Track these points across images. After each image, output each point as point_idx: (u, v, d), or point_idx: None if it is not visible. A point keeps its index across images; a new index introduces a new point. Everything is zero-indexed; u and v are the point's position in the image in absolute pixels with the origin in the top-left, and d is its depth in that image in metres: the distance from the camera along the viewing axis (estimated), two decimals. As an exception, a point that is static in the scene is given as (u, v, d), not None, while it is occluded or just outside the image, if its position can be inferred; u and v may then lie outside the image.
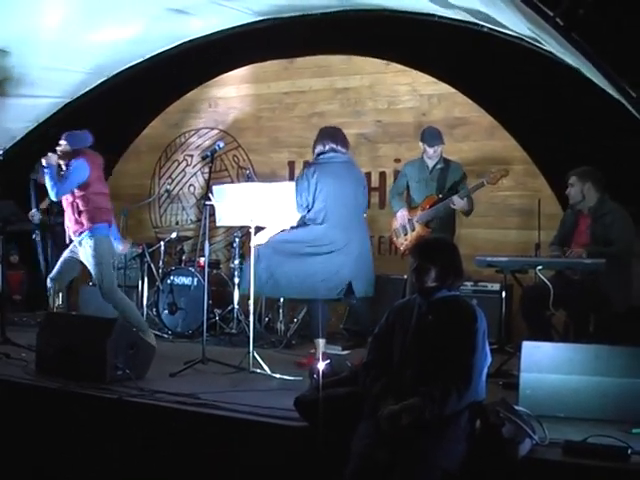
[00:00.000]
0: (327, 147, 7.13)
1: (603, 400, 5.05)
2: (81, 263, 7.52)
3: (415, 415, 4.04)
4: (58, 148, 7.44)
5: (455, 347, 4.23)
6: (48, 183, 7.31)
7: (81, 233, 7.35)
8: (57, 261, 7.84)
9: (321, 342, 7.03)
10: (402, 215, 7.93)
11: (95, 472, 5.40)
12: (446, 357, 4.20)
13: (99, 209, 7.43)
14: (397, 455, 3.95)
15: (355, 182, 7.25)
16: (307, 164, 7.23)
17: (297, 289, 7.00)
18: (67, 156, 7.43)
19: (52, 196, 7.34)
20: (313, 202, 6.96)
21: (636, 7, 4.76)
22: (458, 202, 7.55)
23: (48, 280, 7.57)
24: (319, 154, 7.16)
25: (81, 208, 7.33)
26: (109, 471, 5.39)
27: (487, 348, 4.35)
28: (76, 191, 7.36)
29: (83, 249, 7.37)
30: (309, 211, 6.99)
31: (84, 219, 7.31)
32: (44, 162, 7.33)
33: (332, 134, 7.26)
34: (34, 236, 9.99)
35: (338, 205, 7.00)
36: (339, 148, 7.15)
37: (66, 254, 7.54)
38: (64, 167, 7.41)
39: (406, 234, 7.90)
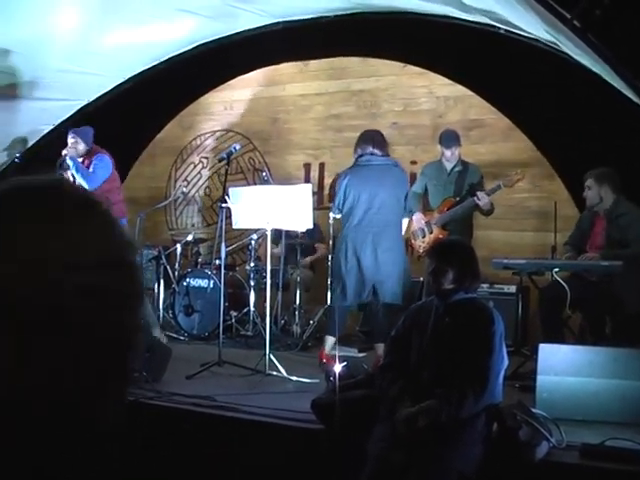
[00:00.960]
0: (364, 151, 7.18)
1: (621, 403, 5.03)
2: None
3: (432, 417, 4.04)
4: (75, 147, 7.50)
5: (472, 349, 4.23)
6: (78, 174, 7.42)
7: None
8: None
9: (330, 340, 7.07)
10: (418, 218, 7.92)
11: (111, 475, 5.40)
12: (463, 359, 4.20)
13: (121, 202, 7.71)
14: (413, 457, 3.95)
15: (394, 184, 7.26)
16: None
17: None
18: (87, 153, 7.53)
19: (86, 185, 7.38)
20: (343, 204, 7.04)
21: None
22: (484, 197, 7.47)
23: None
24: (357, 157, 7.23)
25: (108, 202, 7.36)
26: (126, 474, 5.38)
27: (504, 351, 4.35)
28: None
29: None
30: (342, 213, 7.14)
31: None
32: (68, 155, 7.41)
33: (370, 137, 7.34)
34: None
35: (368, 208, 7.04)
36: (376, 151, 7.19)
37: None
38: (86, 162, 7.57)
39: (424, 236, 7.89)
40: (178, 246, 9.63)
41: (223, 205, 7.02)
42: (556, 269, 6.41)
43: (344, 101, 10.23)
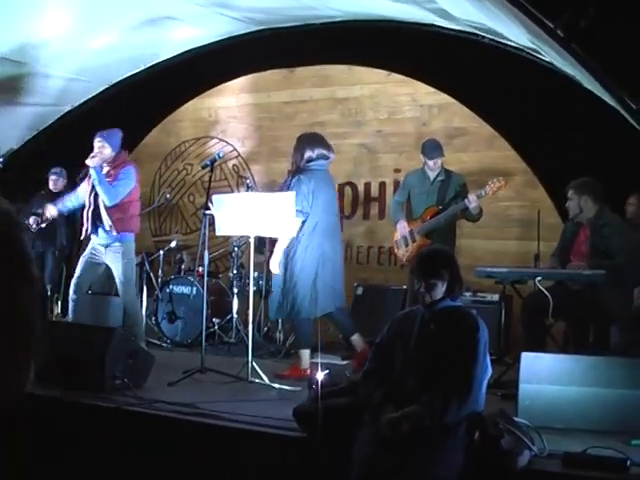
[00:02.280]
0: (317, 153, 7.14)
1: (602, 411, 5.04)
2: (103, 267, 7.58)
3: (415, 423, 4.05)
4: (101, 151, 7.43)
5: (457, 356, 4.25)
6: (101, 188, 7.34)
7: (114, 237, 7.44)
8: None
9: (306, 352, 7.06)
10: (402, 226, 7.93)
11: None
12: (447, 366, 4.21)
13: (135, 217, 7.66)
14: (398, 460, 3.95)
15: (334, 189, 7.33)
16: (297, 170, 7.14)
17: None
18: (113, 161, 7.53)
19: (107, 202, 7.35)
20: (311, 208, 6.98)
21: (636, 18, 4.77)
22: (473, 200, 7.48)
23: (72, 287, 7.54)
24: (309, 160, 7.15)
25: (120, 215, 7.40)
26: (108, 480, 5.38)
27: (488, 359, 4.36)
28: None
29: (113, 254, 7.49)
30: (304, 218, 7.02)
31: (120, 225, 7.40)
32: (92, 165, 7.36)
33: (320, 140, 7.29)
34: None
35: (328, 213, 7.06)
36: (328, 154, 7.17)
37: (86, 258, 7.55)
38: (112, 172, 7.50)
39: (407, 245, 7.90)
40: (161, 252, 9.61)
41: (206, 212, 7.00)
42: (539, 278, 6.42)
43: (329, 109, 10.24)
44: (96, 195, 7.45)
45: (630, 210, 7.51)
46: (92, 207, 7.45)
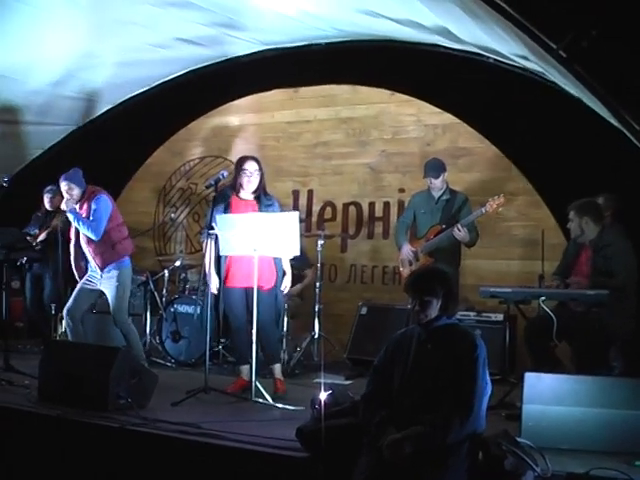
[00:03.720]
0: None
1: (606, 432, 5.03)
2: (97, 293, 7.64)
3: (418, 443, 4.04)
4: (70, 194, 7.53)
5: (456, 375, 4.22)
6: (82, 227, 7.50)
7: (108, 265, 7.53)
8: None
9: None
10: (406, 250, 7.97)
11: None
12: (447, 385, 4.20)
13: (124, 240, 7.70)
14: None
15: None
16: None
17: None
18: (82, 196, 7.57)
19: (93, 237, 7.48)
20: None
21: (638, 38, 4.79)
22: (457, 233, 7.56)
23: (65, 312, 7.59)
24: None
25: (103, 248, 7.48)
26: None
27: (487, 377, 4.34)
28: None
29: (108, 280, 7.55)
30: None
31: (111, 252, 7.51)
32: (67, 209, 7.51)
33: None
34: (25, 264, 9.80)
35: None
36: None
37: (81, 285, 7.61)
38: (85, 208, 7.58)
39: (411, 265, 7.91)
40: (166, 272, 9.61)
41: (210, 232, 7.00)
42: (543, 298, 6.40)
43: (333, 128, 10.26)
44: (77, 235, 7.67)
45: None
46: (76, 249, 7.72)
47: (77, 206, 7.57)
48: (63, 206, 7.58)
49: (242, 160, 7.19)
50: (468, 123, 9.23)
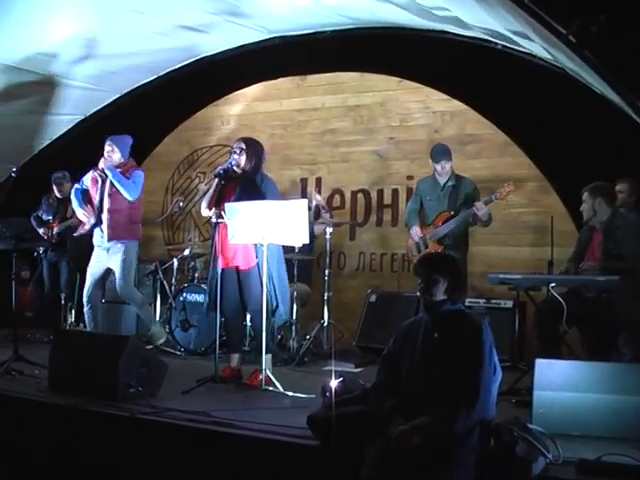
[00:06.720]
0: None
1: (618, 418, 5.01)
2: (106, 271, 7.82)
3: (426, 434, 4.02)
4: (110, 156, 7.65)
5: (462, 362, 4.19)
6: (120, 185, 7.62)
7: (118, 239, 7.70)
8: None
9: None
10: (415, 232, 7.94)
11: None
12: (453, 372, 4.18)
13: (139, 224, 7.94)
14: (407, 477, 3.94)
15: None
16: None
17: None
18: (120, 167, 7.73)
19: (129, 197, 7.66)
20: None
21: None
22: (481, 207, 7.52)
23: (85, 300, 7.65)
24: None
25: (121, 219, 7.56)
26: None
27: (496, 360, 4.31)
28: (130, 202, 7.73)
29: (114, 254, 7.73)
30: None
31: (126, 229, 7.64)
32: (105, 165, 7.62)
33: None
34: (42, 253, 9.80)
35: None
36: None
37: (91, 270, 7.67)
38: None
39: (420, 251, 7.89)
40: (175, 261, 9.61)
41: (219, 220, 6.99)
42: (552, 284, 6.39)
43: (341, 116, 10.25)
44: (101, 200, 7.70)
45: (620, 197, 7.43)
46: (98, 210, 7.76)
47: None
48: (101, 164, 7.68)
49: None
50: (476, 110, 9.21)
